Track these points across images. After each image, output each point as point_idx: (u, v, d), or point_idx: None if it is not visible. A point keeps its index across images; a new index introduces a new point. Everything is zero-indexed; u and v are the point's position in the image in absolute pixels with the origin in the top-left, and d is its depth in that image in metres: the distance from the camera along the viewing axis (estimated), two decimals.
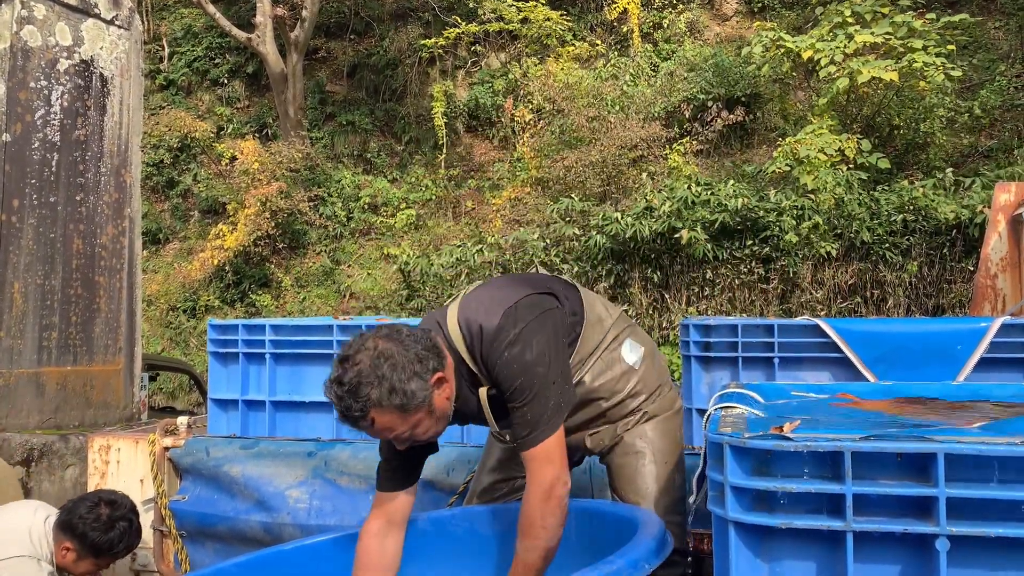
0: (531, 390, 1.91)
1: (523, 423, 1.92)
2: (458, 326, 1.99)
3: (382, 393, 1.81)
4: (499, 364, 1.93)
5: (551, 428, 1.92)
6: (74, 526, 2.67)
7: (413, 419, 1.87)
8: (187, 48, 15.04)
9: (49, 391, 4.82)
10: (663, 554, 1.71)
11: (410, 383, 1.83)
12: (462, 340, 1.98)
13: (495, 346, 1.93)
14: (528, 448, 1.92)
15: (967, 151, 9.35)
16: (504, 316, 1.94)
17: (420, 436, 1.92)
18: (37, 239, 4.83)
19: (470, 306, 2.01)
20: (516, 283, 2.09)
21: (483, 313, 1.97)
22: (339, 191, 12.33)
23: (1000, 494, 1.24)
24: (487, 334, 1.94)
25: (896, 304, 8.07)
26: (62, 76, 5.01)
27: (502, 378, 1.94)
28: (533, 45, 12.50)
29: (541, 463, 1.91)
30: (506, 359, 1.92)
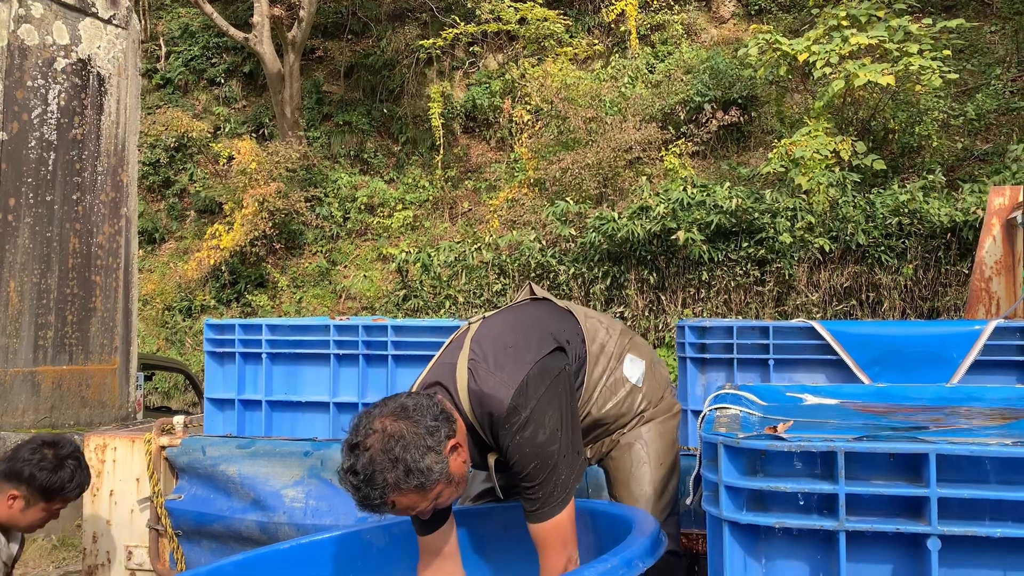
0: (544, 471, 1.90)
1: (535, 499, 1.91)
2: (469, 400, 1.95)
3: (399, 476, 1.76)
4: (511, 447, 1.90)
5: (563, 503, 1.92)
6: (20, 471, 2.54)
7: (432, 494, 1.83)
8: (184, 47, 15.03)
9: (45, 390, 4.82)
10: (657, 553, 1.72)
11: (424, 460, 1.78)
12: (473, 415, 1.95)
13: (507, 428, 1.90)
14: (540, 522, 1.91)
15: (963, 155, 9.38)
16: (515, 396, 1.90)
17: (442, 504, 1.89)
18: (33, 238, 4.83)
19: (479, 374, 1.96)
20: (524, 340, 2.04)
21: (492, 388, 1.93)
22: (336, 191, 12.34)
23: (991, 494, 1.25)
24: (497, 416, 1.91)
25: (891, 307, 8.10)
26: (59, 75, 5.01)
27: (514, 460, 1.92)
28: (531, 46, 12.51)
29: (552, 543, 1.92)
30: (518, 443, 1.90)
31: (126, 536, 3.37)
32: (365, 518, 2.86)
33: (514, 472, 1.94)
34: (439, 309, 9.34)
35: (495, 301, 9.10)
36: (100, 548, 3.40)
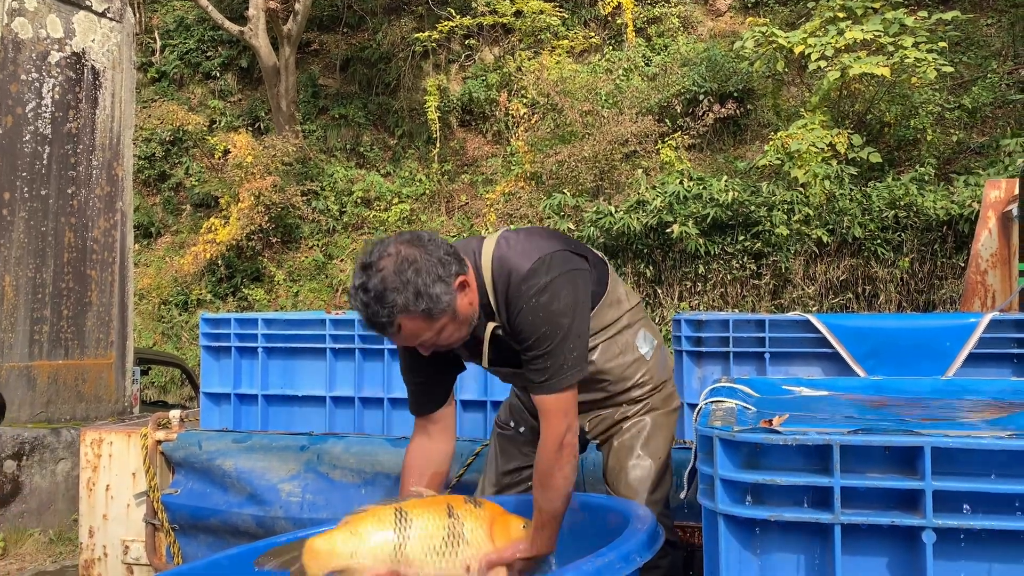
0: (553, 340, 1.93)
1: (543, 370, 1.94)
2: (491, 260, 2.01)
3: (408, 298, 1.81)
4: (524, 309, 1.94)
5: (570, 379, 1.95)
6: None
7: (438, 324, 1.87)
8: (179, 41, 14.97)
9: (40, 385, 4.81)
10: (654, 547, 1.73)
11: (435, 287, 1.83)
12: (491, 273, 2.00)
13: (523, 289, 1.95)
14: (545, 394, 1.95)
15: (959, 148, 9.39)
16: (538, 262, 1.95)
17: (444, 341, 1.93)
18: (28, 232, 4.81)
19: (506, 245, 2.03)
20: (554, 237, 2.11)
21: (517, 255, 1.99)
22: (332, 185, 12.31)
23: (986, 487, 1.25)
24: (516, 276, 1.96)
25: (887, 300, 8.12)
26: (53, 69, 4.98)
27: (525, 324, 1.94)
28: (527, 39, 12.48)
29: (555, 414, 1.95)
30: (532, 306, 1.93)
31: (123, 530, 3.37)
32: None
33: (523, 339, 1.96)
34: None
35: None
36: (97, 543, 3.40)
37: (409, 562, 1.78)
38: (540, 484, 1.95)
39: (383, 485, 3.00)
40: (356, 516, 1.83)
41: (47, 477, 4.58)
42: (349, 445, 3.08)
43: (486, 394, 3.11)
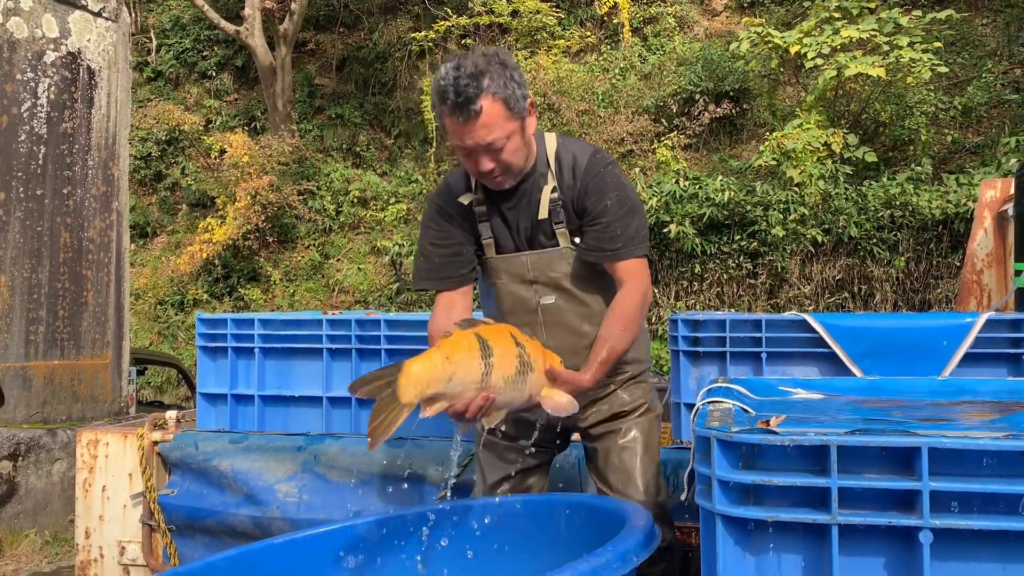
0: (625, 206, 2.09)
1: (619, 236, 2.08)
2: (555, 138, 2.17)
3: (497, 83, 1.93)
4: (597, 176, 2.09)
5: (645, 247, 2.12)
6: None
7: (512, 126, 1.98)
8: (175, 40, 14.94)
9: (36, 385, 4.80)
10: (651, 547, 1.72)
11: (519, 87, 1.98)
12: (555, 142, 2.15)
13: (598, 159, 2.11)
14: (627, 258, 2.09)
15: (954, 148, 9.41)
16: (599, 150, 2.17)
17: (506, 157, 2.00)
18: (24, 232, 4.80)
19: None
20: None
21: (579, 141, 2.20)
22: (328, 185, 12.30)
23: (983, 487, 1.25)
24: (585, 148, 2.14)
25: (883, 299, 8.13)
26: (49, 68, 4.97)
27: (595, 189, 2.08)
28: (523, 39, 12.48)
29: (639, 272, 2.11)
30: (603, 173, 2.09)
31: (119, 531, 3.36)
32: (358, 513, 2.87)
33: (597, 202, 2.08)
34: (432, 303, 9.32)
35: None
36: (93, 543, 3.40)
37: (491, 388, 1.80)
38: (619, 321, 2.06)
39: (380, 486, 3.00)
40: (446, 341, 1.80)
41: (43, 478, 4.57)
42: (346, 445, 3.07)
43: None
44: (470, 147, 1.99)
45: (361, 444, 3.06)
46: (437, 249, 2.21)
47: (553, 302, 2.19)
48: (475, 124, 1.94)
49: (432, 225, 2.23)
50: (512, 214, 2.17)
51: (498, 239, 2.20)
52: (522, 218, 2.16)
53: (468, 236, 2.20)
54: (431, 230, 2.23)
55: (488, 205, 2.19)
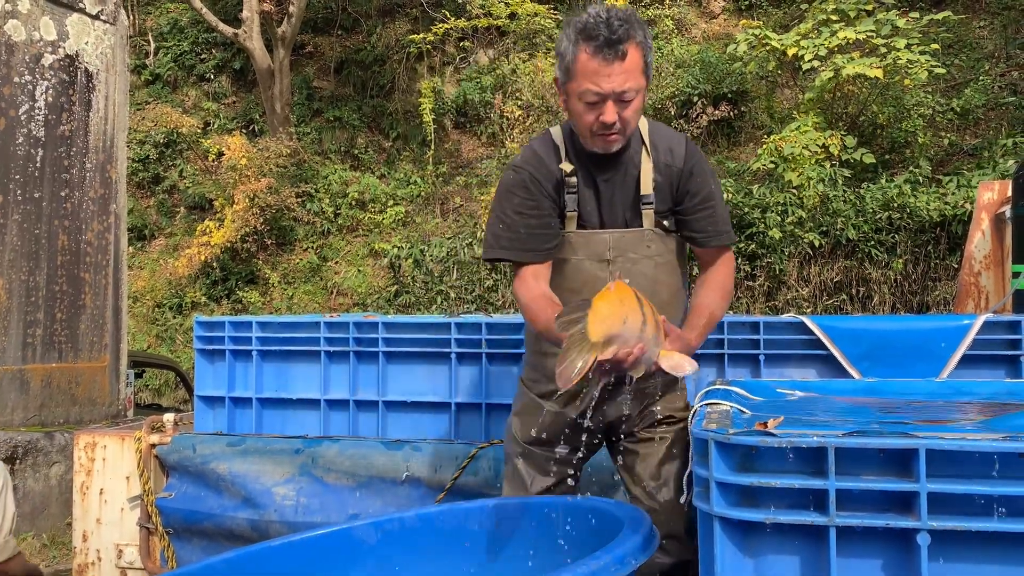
0: (720, 195, 2.17)
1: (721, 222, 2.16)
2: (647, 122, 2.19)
3: (645, 35, 1.95)
4: (699, 161, 2.13)
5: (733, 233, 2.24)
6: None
7: (643, 83, 1.98)
8: (173, 43, 14.94)
9: (34, 388, 4.79)
10: (650, 550, 1.72)
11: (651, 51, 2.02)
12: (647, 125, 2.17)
13: (691, 145, 2.16)
14: (724, 243, 2.18)
15: (952, 150, 9.41)
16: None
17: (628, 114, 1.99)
18: (21, 235, 4.79)
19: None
20: None
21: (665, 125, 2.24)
22: (327, 187, 12.29)
23: (980, 489, 1.25)
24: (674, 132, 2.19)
25: (881, 301, 8.14)
26: (46, 71, 4.97)
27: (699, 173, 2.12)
28: (522, 41, 12.49)
29: (728, 257, 2.22)
30: (703, 163, 2.14)
31: (116, 534, 3.35)
32: (356, 515, 2.86)
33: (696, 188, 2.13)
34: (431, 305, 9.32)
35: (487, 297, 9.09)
36: (90, 547, 3.39)
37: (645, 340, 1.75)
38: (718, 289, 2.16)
39: (378, 488, 2.99)
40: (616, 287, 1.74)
41: (40, 481, 4.57)
42: (344, 448, 3.07)
43: (482, 396, 3.11)
44: (605, 92, 1.93)
45: (359, 446, 3.06)
46: (523, 219, 2.09)
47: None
48: (619, 67, 1.90)
49: (519, 192, 2.10)
50: (607, 187, 2.11)
51: (582, 213, 2.12)
52: (617, 193, 2.11)
53: (554, 207, 2.11)
54: (517, 197, 2.10)
55: (582, 175, 2.12)
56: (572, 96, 2.00)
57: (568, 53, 1.96)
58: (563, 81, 2.03)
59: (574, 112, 2.04)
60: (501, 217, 2.12)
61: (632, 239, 2.11)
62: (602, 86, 1.93)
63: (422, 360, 3.17)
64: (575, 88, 1.98)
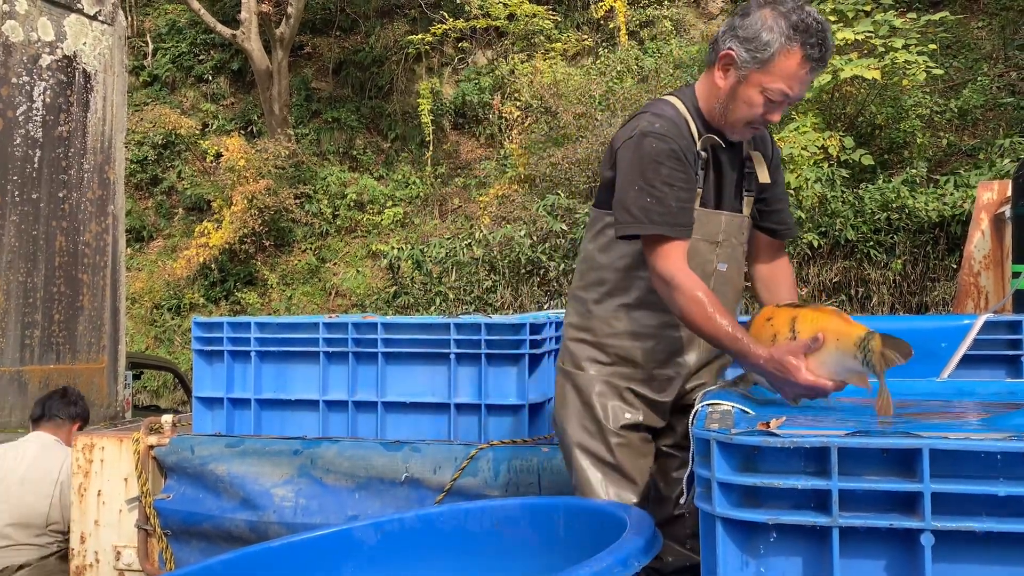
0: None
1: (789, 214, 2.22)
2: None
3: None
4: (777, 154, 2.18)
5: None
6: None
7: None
8: (171, 44, 14.93)
9: (32, 390, 4.77)
10: (652, 551, 1.71)
11: None
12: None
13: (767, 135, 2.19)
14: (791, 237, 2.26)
15: (950, 150, 9.42)
16: None
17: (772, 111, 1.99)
18: (19, 236, 4.78)
19: None
20: None
21: None
22: (325, 188, 12.29)
23: (985, 489, 1.25)
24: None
25: (880, 302, 8.14)
26: (44, 72, 4.96)
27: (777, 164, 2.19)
28: (520, 42, 12.49)
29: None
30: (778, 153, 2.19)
31: (114, 536, 3.34)
32: (356, 516, 2.85)
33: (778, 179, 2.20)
34: (430, 306, 9.31)
35: (485, 298, 9.08)
36: (88, 548, 3.38)
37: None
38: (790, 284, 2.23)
39: (377, 489, 2.98)
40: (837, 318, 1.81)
41: None
42: (343, 449, 3.06)
43: (481, 397, 3.10)
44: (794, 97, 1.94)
45: (358, 447, 3.05)
46: (674, 191, 1.94)
47: (726, 270, 2.11)
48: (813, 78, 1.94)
49: (668, 163, 1.94)
50: (728, 168, 2.10)
51: (703, 192, 2.08)
52: (729, 176, 2.10)
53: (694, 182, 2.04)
54: (665, 168, 1.93)
55: (709, 154, 2.08)
56: (753, 85, 1.93)
57: (773, 44, 1.86)
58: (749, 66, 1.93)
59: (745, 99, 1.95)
60: (648, 189, 1.94)
61: (737, 224, 2.13)
62: (795, 91, 1.91)
63: (421, 361, 3.16)
64: (764, 80, 1.90)
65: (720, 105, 2.03)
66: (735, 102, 1.98)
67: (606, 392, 2.15)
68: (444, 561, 2.21)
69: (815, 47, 1.84)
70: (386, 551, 2.22)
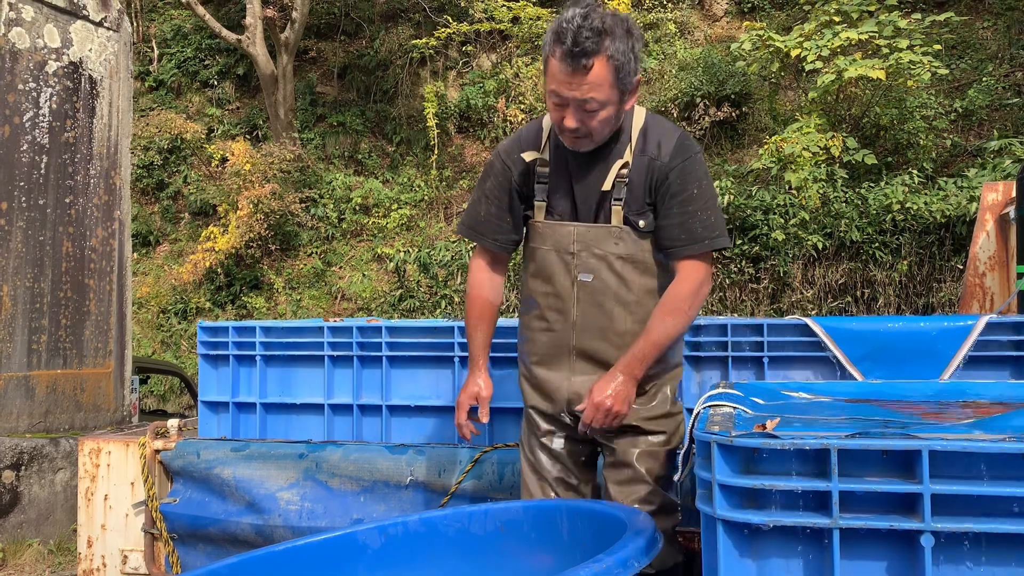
0: (707, 200, 2.04)
1: (701, 226, 2.03)
2: (645, 117, 2.10)
3: (617, 48, 1.88)
4: (684, 164, 2.03)
5: (721, 241, 2.06)
6: None
7: (612, 95, 1.93)
8: (177, 49, 14.98)
9: (39, 394, 4.80)
10: (653, 552, 1.71)
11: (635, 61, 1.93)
12: (643, 118, 2.09)
13: (682, 145, 2.05)
14: (693, 254, 2.04)
15: (955, 151, 9.39)
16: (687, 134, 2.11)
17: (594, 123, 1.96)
18: (26, 242, 4.81)
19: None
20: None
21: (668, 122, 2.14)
22: (330, 192, 12.31)
23: (984, 490, 1.25)
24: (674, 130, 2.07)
25: (886, 303, 8.12)
26: (51, 78, 4.99)
27: (678, 175, 2.02)
28: (524, 45, 12.50)
29: (702, 262, 2.05)
30: (691, 163, 2.03)
31: (121, 540, 3.36)
32: (360, 520, 2.86)
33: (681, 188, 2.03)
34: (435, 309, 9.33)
35: None
36: (95, 552, 3.39)
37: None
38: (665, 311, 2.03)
39: (382, 493, 2.99)
40: None
41: (46, 487, 4.57)
42: (348, 453, 3.07)
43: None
44: (566, 98, 1.94)
45: (363, 451, 3.06)
46: (486, 204, 2.19)
47: (591, 281, 2.11)
48: (580, 79, 1.89)
49: (490, 177, 2.19)
50: (582, 180, 2.10)
51: (552, 203, 2.14)
52: (589, 186, 2.10)
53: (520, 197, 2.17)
54: (487, 181, 2.20)
55: (555, 165, 2.13)
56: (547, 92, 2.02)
57: (544, 50, 1.97)
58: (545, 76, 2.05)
59: (548, 107, 2.05)
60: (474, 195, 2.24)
61: (598, 234, 2.10)
62: (564, 92, 1.94)
63: (426, 364, 3.18)
64: (547, 86, 2.00)
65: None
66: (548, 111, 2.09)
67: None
68: (448, 564, 2.21)
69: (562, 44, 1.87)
70: (390, 554, 2.23)
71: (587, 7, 1.88)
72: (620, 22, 1.91)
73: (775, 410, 1.76)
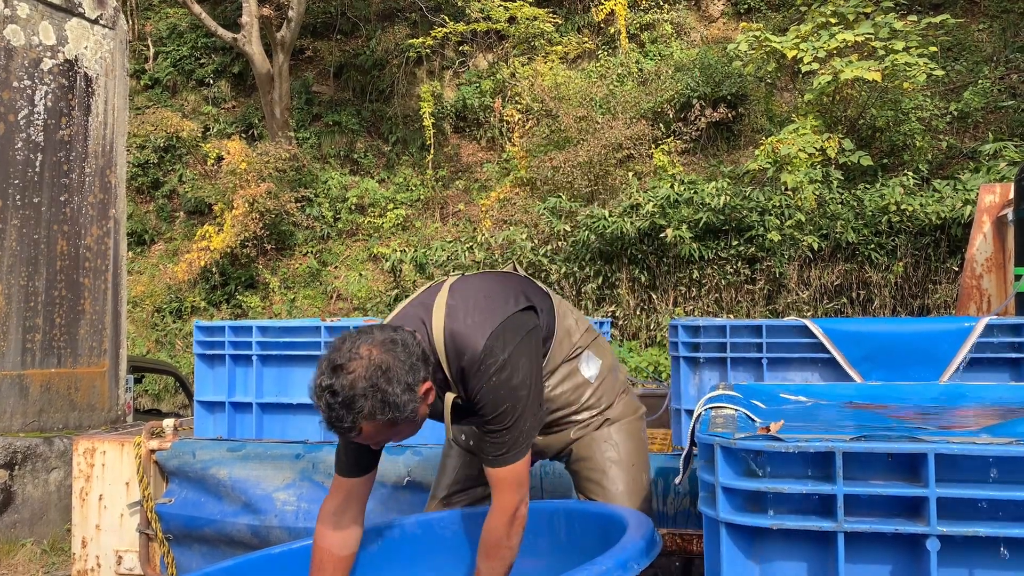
0: (513, 414, 1.92)
1: (499, 444, 1.93)
2: (443, 336, 1.95)
3: (375, 406, 1.78)
4: (485, 388, 1.91)
5: (524, 450, 1.95)
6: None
7: (398, 428, 1.86)
8: (172, 48, 14.94)
9: (33, 393, 4.77)
10: (652, 554, 1.71)
11: (403, 396, 1.80)
12: (444, 351, 1.95)
13: (482, 370, 1.91)
14: (499, 467, 1.94)
15: (950, 153, 9.41)
16: (492, 338, 1.92)
17: (397, 440, 1.94)
18: (20, 240, 4.78)
19: (457, 315, 1.97)
20: (501, 293, 2.06)
21: (470, 330, 1.94)
22: (326, 192, 12.29)
23: (990, 494, 1.24)
24: (473, 354, 1.91)
25: (882, 304, 8.13)
26: (46, 76, 4.96)
27: (486, 401, 1.92)
28: (521, 45, 12.49)
29: (509, 485, 1.94)
30: (493, 384, 1.91)
31: (116, 541, 3.34)
32: None
33: (481, 415, 1.95)
34: None
35: None
36: (90, 553, 3.37)
37: None
38: (486, 552, 1.94)
39: (379, 493, 2.98)
40: None
41: (40, 487, 4.55)
42: None
43: None
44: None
45: None
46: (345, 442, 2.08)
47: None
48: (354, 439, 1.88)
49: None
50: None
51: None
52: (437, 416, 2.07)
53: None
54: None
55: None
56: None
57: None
58: None
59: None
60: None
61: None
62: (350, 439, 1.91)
63: None
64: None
65: None
66: None
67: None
68: (445, 565, 2.20)
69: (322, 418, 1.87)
70: (387, 555, 2.21)
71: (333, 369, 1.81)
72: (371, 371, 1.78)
73: (776, 412, 1.75)
